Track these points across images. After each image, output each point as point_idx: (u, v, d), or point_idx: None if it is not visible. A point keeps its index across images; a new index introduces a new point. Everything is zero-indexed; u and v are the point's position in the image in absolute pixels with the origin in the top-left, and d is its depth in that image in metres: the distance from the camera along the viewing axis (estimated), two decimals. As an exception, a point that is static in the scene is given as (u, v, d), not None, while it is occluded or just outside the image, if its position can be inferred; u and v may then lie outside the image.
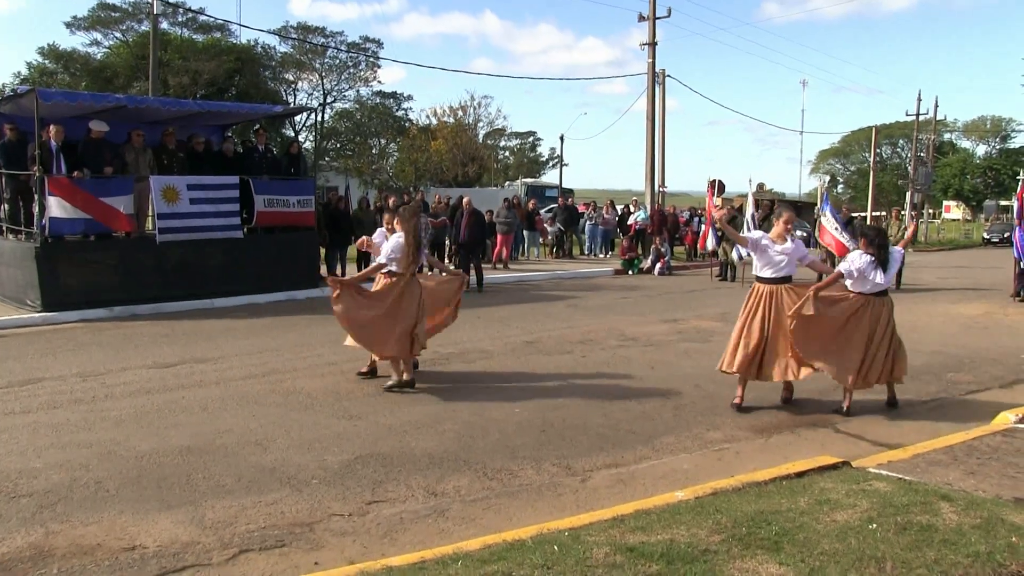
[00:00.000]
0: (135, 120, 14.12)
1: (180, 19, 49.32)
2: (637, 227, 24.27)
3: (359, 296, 7.92)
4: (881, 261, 7.05)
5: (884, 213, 40.31)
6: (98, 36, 50.65)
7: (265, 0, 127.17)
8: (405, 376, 7.86)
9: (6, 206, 13.78)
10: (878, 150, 57.05)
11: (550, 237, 24.61)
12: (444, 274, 9.51)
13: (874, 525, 4.26)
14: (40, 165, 12.04)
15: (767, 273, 7.33)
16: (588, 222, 25.50)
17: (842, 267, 7.26)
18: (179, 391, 7.79)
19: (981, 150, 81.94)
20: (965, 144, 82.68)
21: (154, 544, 4.41)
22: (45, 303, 12.05)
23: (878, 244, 7.11)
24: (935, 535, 4.12)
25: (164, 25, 43.83)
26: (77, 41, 57.87)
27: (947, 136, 77.21)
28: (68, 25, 49.95)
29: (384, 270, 7.94)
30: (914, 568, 3.76)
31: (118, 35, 50.41)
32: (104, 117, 13.32)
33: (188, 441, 6.22)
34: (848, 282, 7.23)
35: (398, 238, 7.83)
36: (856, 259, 7.14)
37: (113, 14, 49.02)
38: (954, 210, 67.83)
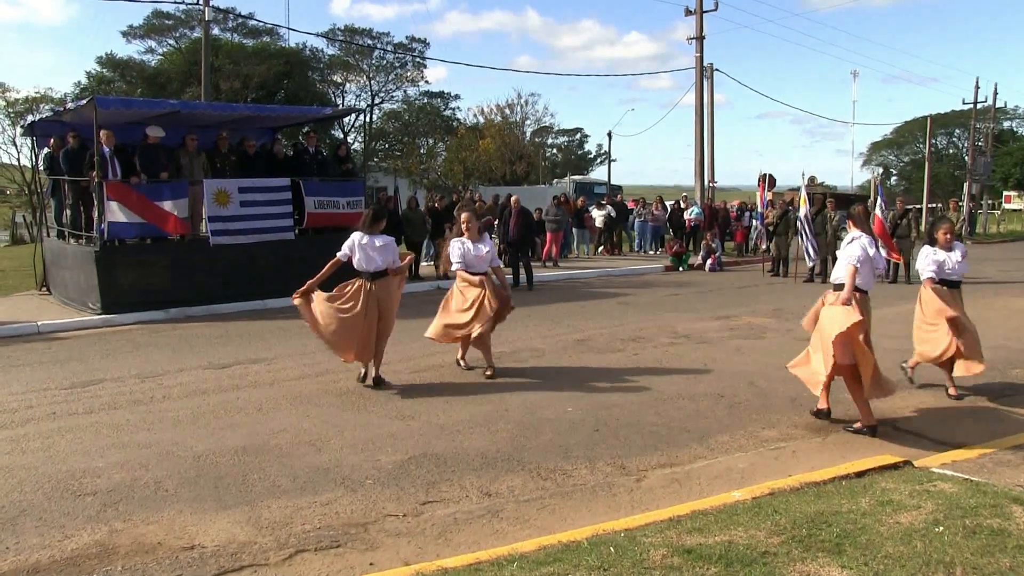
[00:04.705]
0: (189, 125, 14.37)
1: (230, 24, 50.25)
2: (693, 223, 24.04)
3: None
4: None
5: (940, 204, 39.34)
6: (152, 44, 51.99)
7: (307, 2, 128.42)
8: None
9: (68, 212, 14.15)
10: (933, 140, 55.66)
11: (599, 223, 24.30)
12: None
13: (940, 528, 4.13)
14: (99, 171, 12.32)
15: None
16: (637, 219, 25.33)
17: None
18: (234, 392, 7.91)
19: (1045, 137, 79.34)
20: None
21: (212, 544, 4.47)
22: (104, 305, 12.34)
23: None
24: (1008, 540, 3.97)
25: (215, 31, 44.67)
26: (133, 49, 59.31)
27: (1007, 124, 74.92)
28: (124, 34, 51.44)
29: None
30: (987, 574, 3.63)
31: (171, 42, 51.55)
32: (159, 122, 13.57)
33: (243, 441, 6.30)
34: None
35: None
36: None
37: (166, 22, 50.10)
38: (1015, 200, 65.80)
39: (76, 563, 4.25)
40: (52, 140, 14.08)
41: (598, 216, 24.28)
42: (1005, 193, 64.80)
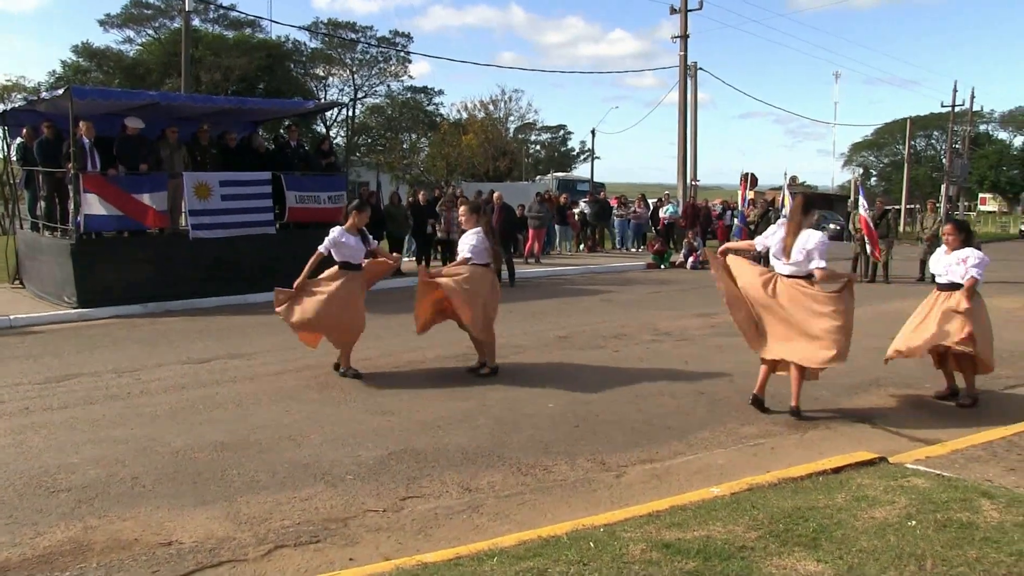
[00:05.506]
0: (169, 117, 14.27)
1: (211, 15, 49.87)
2: (667, 221, 24.13)
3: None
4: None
5: (918, 206, 39.75)
6: (131, 33, 51.48)
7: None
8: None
9: (43, 203, 13.99)
10: (912, 142, 56.15)
11: (576, 218, 24.32)
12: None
13: (913, 522, 4.20)
14: (75, 162, 12.19)
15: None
16: (617, 217, 25.38)
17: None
18: (213, 387, 7.86)
19: (1019, 141, 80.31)
20: (1002, 135, 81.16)
21: (190, 539, 4.44)
22: (81, 299, 12.23)
23: None
24: (976, 533, 4.05)
25: (196, 22, 44.29)
26: (110, 39, 58.60)
27: (983, 127, 75.74)
28: (101, 23, 50.78)
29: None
30: (955, 566, 3.69)
31: (150, 32, 51.07)
32: (138, 114, 13.46)
33: (222, 437, 6.26)
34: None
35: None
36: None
37: (145, 11, 49.67)
38: (990, 202, 66.63)
39: (48, 560, 4.20)
40: (25, 130, 13.93)
41: (576, 212, 24.38)
42: (980, 195, 65.53)
